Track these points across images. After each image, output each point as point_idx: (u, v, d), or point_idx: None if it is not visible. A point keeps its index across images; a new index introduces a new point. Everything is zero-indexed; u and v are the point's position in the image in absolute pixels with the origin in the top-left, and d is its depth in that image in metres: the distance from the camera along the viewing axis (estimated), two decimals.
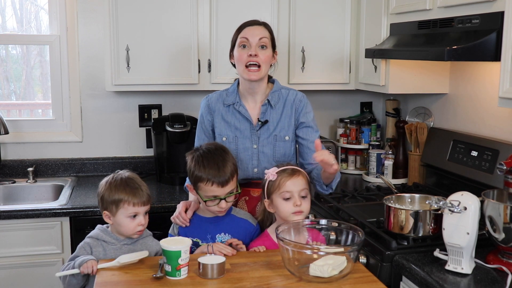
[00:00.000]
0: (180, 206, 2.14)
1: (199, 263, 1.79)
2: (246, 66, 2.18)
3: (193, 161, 2.05)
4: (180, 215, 2.11)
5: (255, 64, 2.18)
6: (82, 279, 1.90)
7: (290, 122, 2.28)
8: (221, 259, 1.81)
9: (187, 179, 2.24)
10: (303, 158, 2.31)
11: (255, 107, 2.29)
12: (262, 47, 2.19)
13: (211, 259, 1.79)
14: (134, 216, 1.98)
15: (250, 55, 2.17)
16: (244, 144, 2.27)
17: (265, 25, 2.26)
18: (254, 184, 2.28)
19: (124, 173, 2.05)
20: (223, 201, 2.02)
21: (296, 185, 2.01)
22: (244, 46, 2.20)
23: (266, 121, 2.26)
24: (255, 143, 2.26)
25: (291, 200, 2.00)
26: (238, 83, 2.32)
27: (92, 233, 2.04)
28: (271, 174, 2.04)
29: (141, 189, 2.00)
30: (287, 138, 2.28)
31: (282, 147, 2.28)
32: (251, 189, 2.29)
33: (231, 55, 2.30)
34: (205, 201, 2.02)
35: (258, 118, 2.27)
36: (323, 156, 1.99)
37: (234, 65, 2.30)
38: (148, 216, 2.04)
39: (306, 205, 2.02)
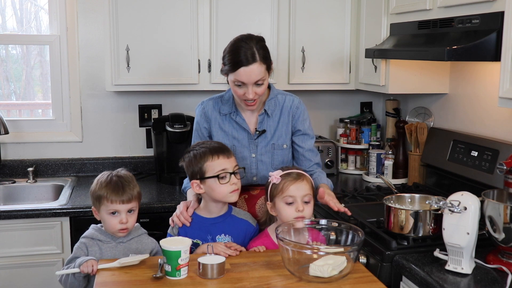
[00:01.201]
0: (181, 206, 2.13)
1: (199, 263, 1.79)
2: (243, 99, 2.15)
3: (191, 157, 2.06)
4: (182, 214, 2.09)
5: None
6: (83, 280, 1.91)
7: (288, 130, 2.28)
8: (221, 259, 1.80)
9: (185, 182, 2.24)
10: (298, 164, 2.31)
11: (252, 115, 2.26)
12: (258, 84, 2.11)
13: (211, 259, 1.79)
14: (114, 213, 1.99)
15: (247, 97, 2.11)
16: (242, 153, 2.25)
17: (261, 56, 2.09)
18: (253, 185, 2.29)
19: (118, 171, 2.07)
20: (233, 177, 2.02)
21: (299, 190, 2.00)
22: (239, 86, 2.11)
23: (264, 131, 2.25)
24: (253, 152, 2.25)
25: (294, 205, 1.99)
26: None
27: (86, 233, 2.05)
28: (275, 177, 2.03)
29: (123, 187, 1.99)
30: (285, 146, 2.28)
31: (280, 155, 2.28)
32: (250, 187, 2.29)
33: (222, 71, 2.19)
34: (217, 177, 1.99)
35: (255, 128, 2.25)
36: (339, 207, 2.06)
37: (222, 72, 2.22)
38: (135, 216, 2.04)
39: (308, 211, 2.01)
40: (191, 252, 1.88)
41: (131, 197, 2.00)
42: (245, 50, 2.08)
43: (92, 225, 2.08)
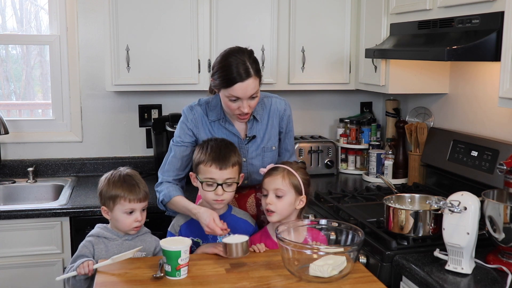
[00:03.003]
0: (208, 219, 1.99)
1: (223, 243, 1.84)
2: (235, 113, 2.14)
3: (198, 150, 2.09)
4: (215, 230, 1.97)
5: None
6: (84, 282, 1.91)
7: (276, 132, 2.29)
8: (245, 238, 1.85)
9: (162, 195, 2.19)
10: (279, 157, 2.36)
11: (241, 122, 2.25)
12: (252, 98, 2.10)
13: (235, 239, 1.84)
14: (131, 212, 2.01)
15: (241, 111, 2.09)
16: None
17: (255, 70, 2.06)
18: (241, 189, 2.30)
19: (124, 169, 2.09)
20: (219, 188, 2.01)
21: (270, 183, 2.02)
22: (234, 100, 2.08)
23: (254, 136, 2.25)
24: (244, 156, 2.24)
25: (265, 197, 2.03)
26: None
27: (92, 231, 2.07)
28: (262, 170, 2.11)
29: (138, 186, 2.03)
30: (273, 148, 2.29)
31: (270, 157, 2.29)
32: (240, 187, 2.30)
33: (212, 85, 2.18)
34: (201, 183, 2.03)
35: (245, 134, 2.25)
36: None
37: (213, 86, 2.19)
38: (145, 213, 2.07)
39: (279, 206, 2.00)
40: (191, 252, 1.89)
41: (146, 195, 2.05)
42: (238, 65, 2.04)
43: (98, 224, 2.10)
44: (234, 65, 2.04)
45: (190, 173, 2.13)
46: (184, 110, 2.27)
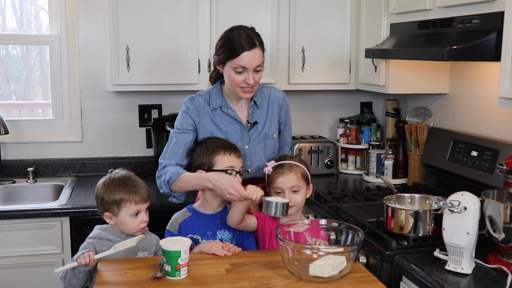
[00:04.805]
0: (232, 180, 2.00)
1: (264, 200, 1.91)
2: (240, 87, 2.18)
3: (203, 148, 2.13)
4: (241, 191, 1.96)
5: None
6: (83, 277, 1.90)
7: (276, 120, 2.35)
8: (286, 200, 1.95)
9: (169, 173, 2.18)
10: (279, 150, 2.40)
11: (242, 108, 2.30)
12: (257, 71, 2.17)
13: (276, 199, 1.92)
14: (137, 214, 2.00)
15: (247, 83, 2.15)
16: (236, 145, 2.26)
17: (259, 41, 2.16)
18: (243, 182, 2.30)
19: (119, 172, 2.07)
20: (238, 176, 2.09)
21: (285, 182, 2.07)
22: (240, 72, 2.15)
23: (256, 122, 2.29)
24: (246, 143, 2.27)
25: (282, 195, 2.08)
26: (221, 84, 2.31)
27: (93, 233, 2.04)
28: (267, 169, 2.12)
29: (140, 186, 2.02)
30: (275, 135, 2.34)
31: (272, 145, 2.33)
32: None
33: (216, 62, 2.22)
34: (224, 171, 2.07)
35: (247, 120, 2.28)
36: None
37: (216, 69, 2.26)
38: (148, 213, 2.06)
39: (297, 200, 2.09)
40: (190, 249, 1.89)
41: (148, 194, 2.05)
42: (241, 36, 2.14)
43: (97, 226, 2.08)
44: (238, 37, 2.14)
45: (198, 170, 2.12)
46: (185, 101, 2.32)
